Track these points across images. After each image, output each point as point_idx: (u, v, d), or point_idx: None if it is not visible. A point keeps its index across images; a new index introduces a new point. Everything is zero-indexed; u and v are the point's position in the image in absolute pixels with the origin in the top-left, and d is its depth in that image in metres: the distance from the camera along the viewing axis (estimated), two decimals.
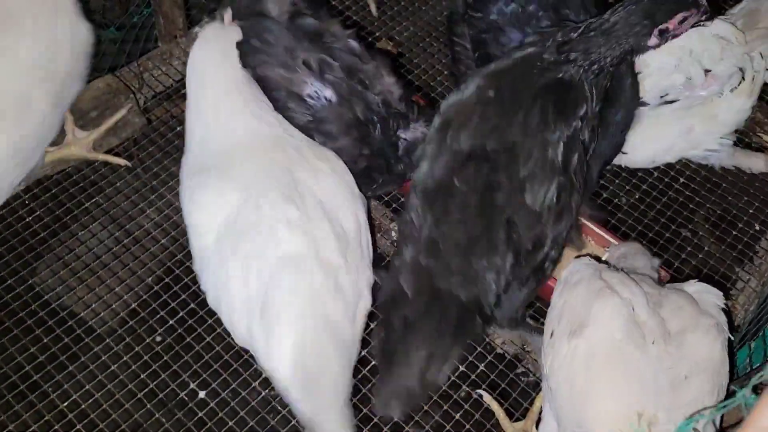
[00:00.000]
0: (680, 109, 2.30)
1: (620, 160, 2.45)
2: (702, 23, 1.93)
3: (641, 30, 1.82)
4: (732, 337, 1.79)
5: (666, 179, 2.70)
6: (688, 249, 2.56)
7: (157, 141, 2.66)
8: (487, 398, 2.16)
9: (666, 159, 2.37)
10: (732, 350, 1.87)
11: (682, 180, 2.71)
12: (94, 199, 2.50)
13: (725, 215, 2.67)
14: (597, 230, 2.41)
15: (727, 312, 1.85)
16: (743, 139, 2.82)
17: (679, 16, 1.83)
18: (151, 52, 2.82)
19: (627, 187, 2.69)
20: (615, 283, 1.76)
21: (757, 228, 2.63)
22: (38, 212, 2.44)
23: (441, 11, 3.14)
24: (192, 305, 2.29)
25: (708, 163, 2.61)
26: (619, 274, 1.83)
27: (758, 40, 2.29)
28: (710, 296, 1.86)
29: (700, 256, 2.55)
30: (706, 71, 2.25)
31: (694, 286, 1.91)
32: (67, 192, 2.50)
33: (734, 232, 2.62)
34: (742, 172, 2.70)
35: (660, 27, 1.83)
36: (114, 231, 2.44)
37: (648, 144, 2.32)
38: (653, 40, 1.85)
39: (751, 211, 2.67)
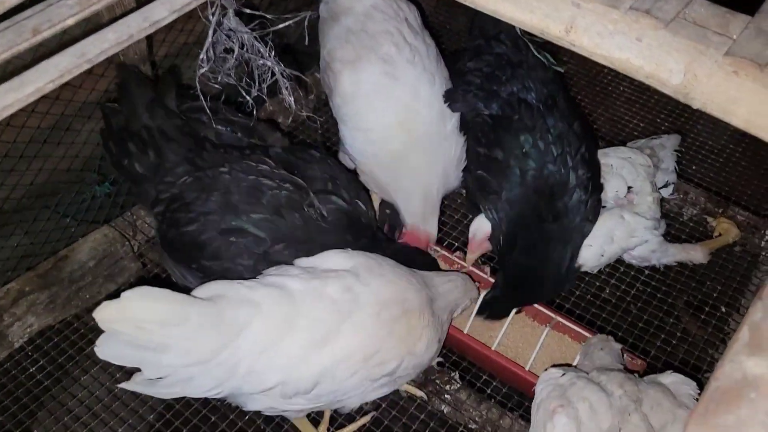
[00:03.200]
0: (610, 208, 2.64)
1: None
2: None
3: None
4: None
5: (637, 274, 2.89)
6: (663, 336, 2.69)
7: (152, 282, 2.81)
8: None
9: (612, 249, 2.59)
10: None
11: (657, 276, 2.89)
12: (94, 345, 2.60)
13: (692, 301, 2.83)
14: (573, 326, 2.56)
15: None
16: (698, 228, 3.04)
17: None
18: None
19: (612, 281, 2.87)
20: (575, 398, 1.88)
21: (724, 310, 2.79)
22: (41, 362, 2.55)
23: None
24: None
25: (651, 264, 2.80)
26: (581, 385, 1.93)
27: (657, 168, 2.79)
28: (685, 387, 2.00)
29: (674, 342, 2.68)
30: (628, 188, 2.66)
31: (670, 377, 2.04)
32: (68, 340, 2.62)
33: (703, 316, 2.77)
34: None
35: None
36: (115, 372, 2.54)
37: (592, 238, 2.55)
38: None
39: (715, 295, 2.83)
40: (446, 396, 2.48)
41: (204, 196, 2.26)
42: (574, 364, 2.43)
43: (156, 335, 1.72)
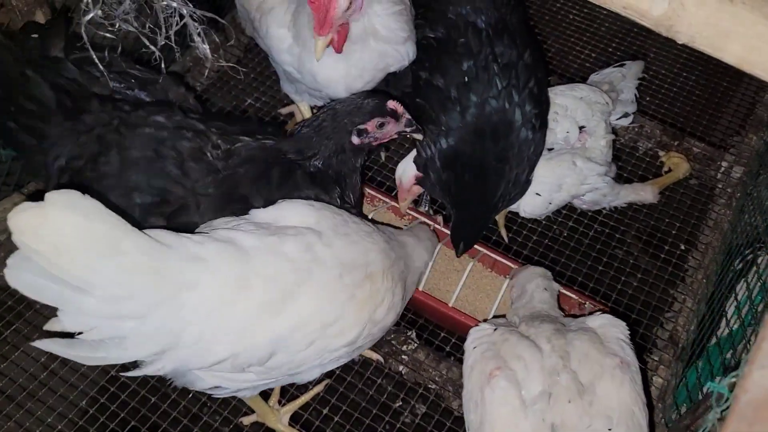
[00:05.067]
0: (560, 151, 2.49)
1: (519, 210, 2.55)
2: (409, 135, 2.20)
3: (342, 128, 2.09)
4: (643, 366, 1.84)
5: (594, 215, 2.77)
6: (623, 278, 2.60)
7: None
8: None
9: (561, 197, 2.48)
10: (646, 378, 1.94)
11: (615, 216, 2.78)
12: (13, 327, 2.36)
13: (651, 240, 2.74)
14: (499, 258, 2.46)
15: (632, 342, 1.88)
16: (654, 162, 2.93)
17: (376, 121, 2.09)
18: None
19: (560, 219, 2.75)
20: (509, 357, 1.76)
21: (683, 248, 2.71)
22: None
23: None
24: (133, 423, 2.18)
25: (602, 207, 2.71)
26: (514, 341, 1.81)
27: (616, 102, 2.67)
28: (614, 330, 1.89)
29: (635, 284, 2.60)
30: (581, 128, 2.51)
31: (598, 320, 1.93)
32: None
33: (663, 255, 2.68)
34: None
35: (359, 127, 2.09)
36: (39, 357, 2.30)
37: (539, 185, 2.42)
38: (355, 139, 2.11)
39: (674, 232, 2.75)
40: (403, 357, 2.34)
41: (94, 161, 1.98)
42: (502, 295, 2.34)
43: (78, 265, 1.37)
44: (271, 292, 1.65)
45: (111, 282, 1.43)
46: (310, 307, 1.71)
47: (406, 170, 2.44)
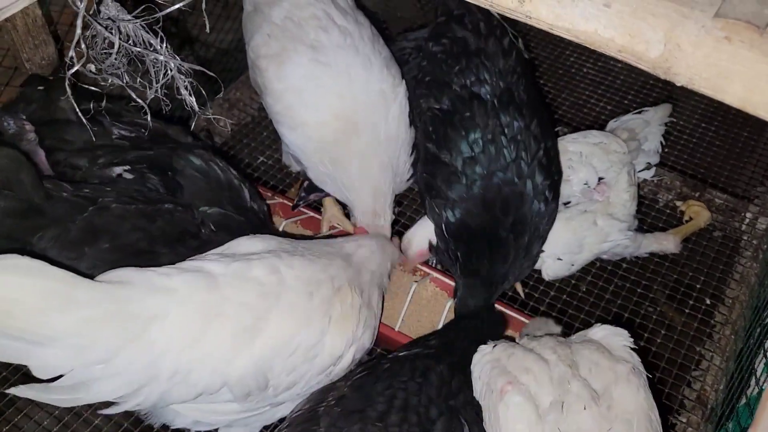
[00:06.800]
0: (579, 207, 2.41)
1: (542, 274, 2.49)
2: None
3: None
4: (650, 375, 1.79)
5: (614, 269, 2.68)
6: (646, 335, 2.49)
7: None
8: None
9: (583, 258, 2.41)
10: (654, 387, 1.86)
11: (636, 270, 2.69)
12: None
13: (675, 294, 2.63)
14: (513, 314, 2.39)
15: (638, 350, 1.84)
16: (675, 214, 2.85)
17: None
18: None
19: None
20: (517, 371, 1.70)
21: (708, 302, 2.59)
22: None
23: None
24: None
25: (624, 256, 2.62)
26: (520, 355, 1.75)
27: (635, 151, 2.56)
28: (618, 339, 1.84)
29: (659, 340, 2.48)
30: (600, 179, 2.42)
31: (600, 332, 1.89)
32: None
33: (687, 311, 2.57)
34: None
35: None
36: (54, 410, 2.21)
37: (559, 248, 2.35)
38: None
39: (698, 286, 2.64)
40: None
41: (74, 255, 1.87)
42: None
43: (33, 325, 1.36)
44: (244, 318, 1.63)
45: (71, 334, 1.42)
46: (285, 330, 1.69)
47: (412, 242, 2.43)
